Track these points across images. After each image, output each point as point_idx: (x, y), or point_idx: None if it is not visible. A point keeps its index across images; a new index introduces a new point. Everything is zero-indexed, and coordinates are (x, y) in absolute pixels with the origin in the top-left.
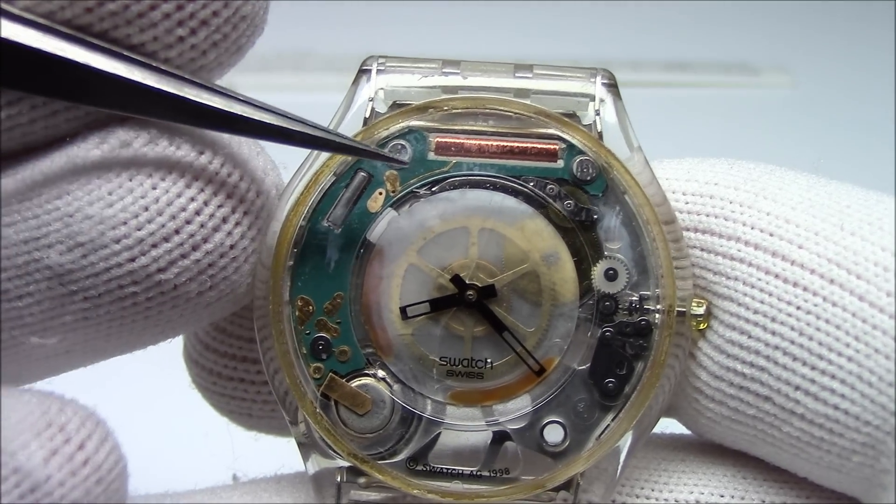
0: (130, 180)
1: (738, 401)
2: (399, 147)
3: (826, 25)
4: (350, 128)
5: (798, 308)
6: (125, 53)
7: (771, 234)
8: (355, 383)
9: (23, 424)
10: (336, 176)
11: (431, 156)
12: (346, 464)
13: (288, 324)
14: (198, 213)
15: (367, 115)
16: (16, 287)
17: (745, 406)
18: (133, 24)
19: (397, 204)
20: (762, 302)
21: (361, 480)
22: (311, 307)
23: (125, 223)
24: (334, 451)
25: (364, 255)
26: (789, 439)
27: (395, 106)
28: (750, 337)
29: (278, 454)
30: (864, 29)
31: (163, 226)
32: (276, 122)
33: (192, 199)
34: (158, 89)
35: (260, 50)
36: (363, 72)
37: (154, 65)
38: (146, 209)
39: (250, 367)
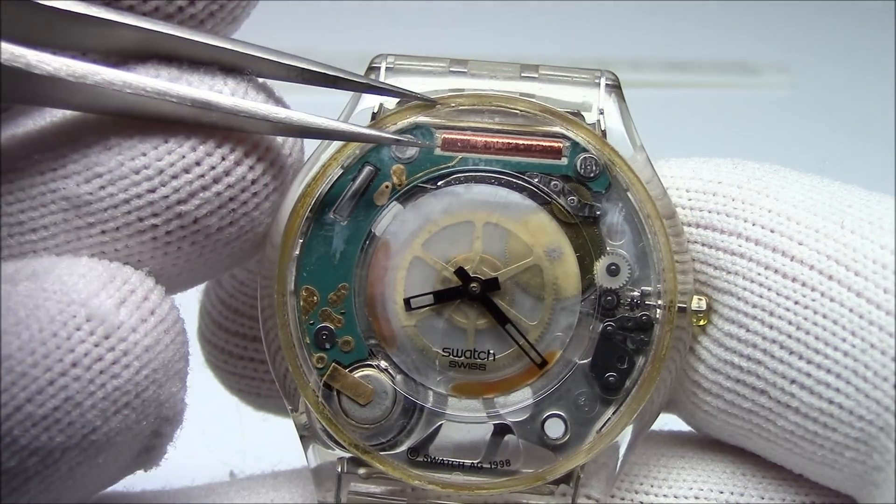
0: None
1: (734, 394)
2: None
3: (826, 25)
4: (357, 123)
5: (796, 303)
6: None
7: (772, 231)
8: (358, 374)
9: (88, 277)
10: (343, 169)
11: (438, 151)
12: (346, 455)
13: (292, 313)
14: (219, 145)
15: (376, 111)
16: (30, 219)
17: (742, 399)
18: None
19: (403, 197)
20: (761, 296)
21: (362, 471)
22: (315, 297)
23: (145, 154)
24: (335, 442)
25: (369, 248)
26: (784, 433)
27: (403, 101)
28: (748, 330)
29: (276, 451)
30: (864, 29)
31: (183, 157)
32: (297, 120)
33: (210, 136)
34: (174, 95)
35: None
36: (372, 69)
37: (168, 26)
38: (166, 141)
39: (260, 346)
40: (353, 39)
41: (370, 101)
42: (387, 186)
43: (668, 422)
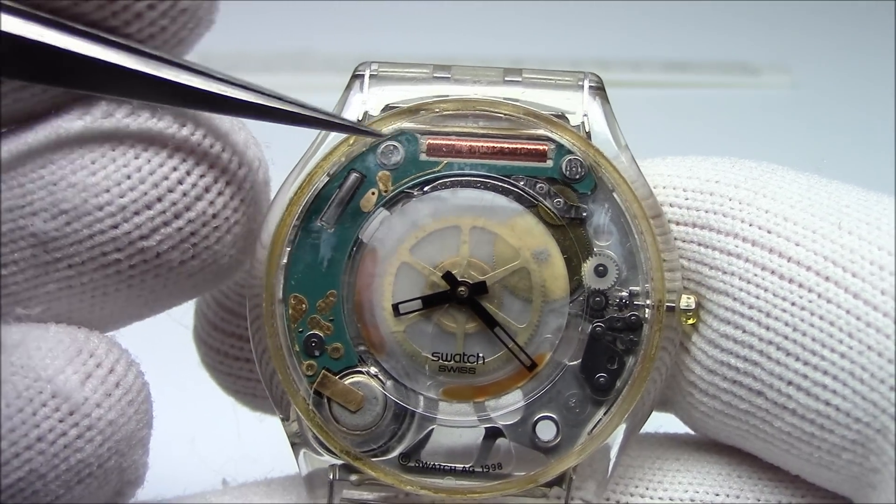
0: (113, 150)
1: (731, 395)
2: (391, 148)
3: (826, 25)
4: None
5: (792, 304)
6: (102, 35)
7: (769, 231)
8: (348, 380)
9: (55, 352)
10: (329, 176)
11: (423, 157)
12: (338, 462)
13: (281, 322)
14: (180, 182)
15: (360, 118)
16: (1, 256)
17: (738, 400)
18: (63, 14)
19: (389, 203)
20: (757, 297)
21: (353, 478)
22: (304, 305)
23: (108, 191)
24: (327, 449)
25: (357, 254)
26: (781, 434)
27: (387, 108)
28: (744, 331)
29: (272, 452)
30: (864, 29)
31: (145, 193)
32: (256, 101)
33: (175, 169)
34: (136, 70)
35: (260, 50)
36: (356, 77)
37: (128, 45)
38: (128, 177)
39: None
40: (351, 40)
41: (354, 108)
42: (373, 193)
43: (664, 423)
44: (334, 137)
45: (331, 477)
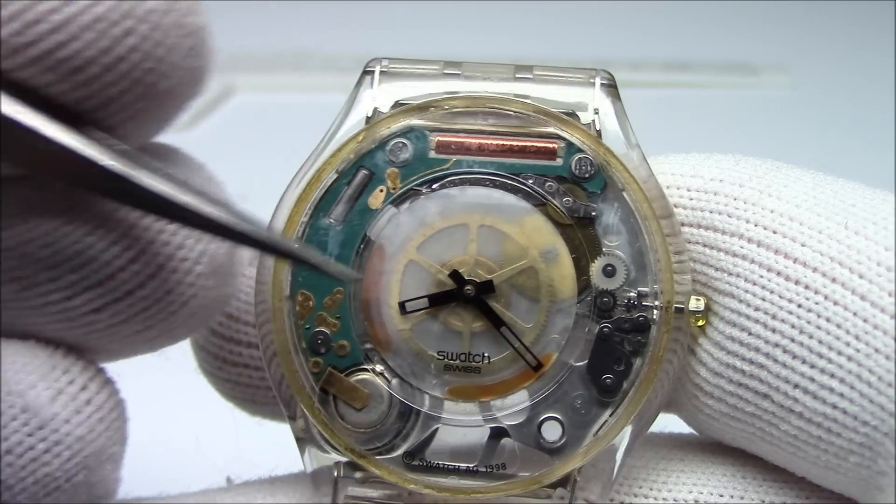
0: (70, 223)
1: (736, 398)
2: (400, 145)
3: (826, 25)
4: (352, 127)
5: (799, 306)
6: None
7: (774, 232)
8: (354, 378)
9: (29, 367)
10: (338, 173)
11: (432, 154)
12: (343, 459)
13: (288, 318)
14: (133, 261)
15: (370, 115)
16: None
17: (744, 403)
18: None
19: (398, 201)
20: (763, 299)
21: (358, 475)
22: (310, 302)
23: (57, 266)
24: (332, 446)
25: (364, 252)
26: (787, 437)
27: (397, 104)
28: (750, 334)
29: (272, 456)
30: (864, 29)
31: (96, 272)
32: (223, 219)
33: (127, 248)
34: (106, 167)
35: (260, 50)
36: (367, 73)
37: (107, 141)
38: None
39: (255, 352)
40: (352, 40)
41: (364, 104)
42: (381, 190)
43: (668, 424)
44: (343, 135)
45: (335, 474)
